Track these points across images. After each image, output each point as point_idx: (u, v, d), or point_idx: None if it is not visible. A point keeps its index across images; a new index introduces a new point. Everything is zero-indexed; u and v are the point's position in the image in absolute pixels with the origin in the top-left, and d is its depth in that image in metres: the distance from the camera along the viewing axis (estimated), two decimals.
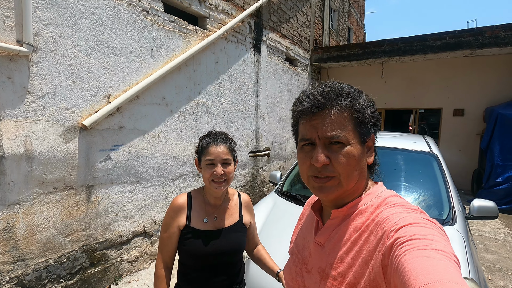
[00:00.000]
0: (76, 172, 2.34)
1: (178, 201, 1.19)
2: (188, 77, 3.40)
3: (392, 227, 0.54)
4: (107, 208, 2.60)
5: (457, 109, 6.23)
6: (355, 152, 0.63)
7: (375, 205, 0.64)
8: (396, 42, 5.96)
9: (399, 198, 0.65)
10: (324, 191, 0.65)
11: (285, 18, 5.65)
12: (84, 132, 2.37)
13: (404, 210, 0.58)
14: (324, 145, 0.63)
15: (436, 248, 0.46)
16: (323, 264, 0.67)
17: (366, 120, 0.64)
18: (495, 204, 1.94)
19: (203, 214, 1.20)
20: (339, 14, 9.59)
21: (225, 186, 1.17)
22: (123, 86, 2.65)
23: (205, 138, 1.21)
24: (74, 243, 2.37)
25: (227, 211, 1.25)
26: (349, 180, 0.64)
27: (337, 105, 0.63)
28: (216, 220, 1.21)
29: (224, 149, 1.16)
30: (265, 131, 5.17)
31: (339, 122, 0.62)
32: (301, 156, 0.68)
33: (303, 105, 0.65)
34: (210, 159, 1.14)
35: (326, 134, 0.62)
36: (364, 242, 0.60)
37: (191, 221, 1.18)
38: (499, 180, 4.95)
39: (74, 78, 2.28)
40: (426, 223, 0.53)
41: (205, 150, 1.16)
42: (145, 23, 2.82)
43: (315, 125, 0.64)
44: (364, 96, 0.66)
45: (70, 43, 2.24)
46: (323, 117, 0.63)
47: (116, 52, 2.57)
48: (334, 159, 0.62)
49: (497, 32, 5.14)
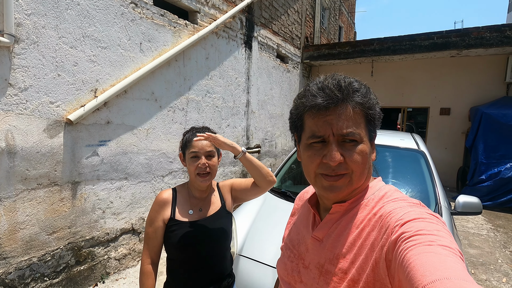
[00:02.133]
0: (61, 168, 2.27)
1: (163, 196, 1.20)
2: (178, 72, 3.35)
3: (396, 222, 0.53)
4: (94, 205, 2.54)
5: (444, 108, 6.37)
6: (367, 149, 0.62)
7: (375, 199, 0.63)
8: (386, 41, 6.03)
9: (399, 192, 0.65)
10: (335, 190, 0.62)
11: (277, 15, 5.63)
12: (69, 127, 2.31)
13: (407, 205, 0.57)
14: (338, 143, 0.60)
15: (443, 244, 0.45)
16: (322, 259, 0.65)
17: (376, 117, 0.63)
18: (479, 200, 2.00)
19: (187, 206, 1.21)
20: (330, 12, 9.63)
21: (210, 180, 1.18)
22: (111, 80, 2.59)
23: (189, 133, 1.22)
24: (59, 241, 2.31)
25: (211, 201, 1.26)
26: (360, 178, 0.63)
27: (352, 101, 0.60)
28: (201, 211, 1.23)
29: (207, 142, 1.17)
30: (256, 128, 5.16)
31: (354, 119, 0.60)
32: (309, 154, 0.64)
33: (316, 99, 0.60)
34: (194, 151, 1.15)
35: (342, 131, 0.59)
36: (366, 237, 0.59)
37: (176, 214, 1.18)
38: (483, 177, 5.09)
39: (59, 71, 2.21)
40: (431, 218, 0.52)
41: (189, 144, 1.17)
42: (134, 16, 2.76)
43: (329, 121, 0.60)
44: (371, 93, 0.65)
45: (55, 34, 2.16)
46: (338, 112, 0.59)
47: (103, 45, 2.50)
48: (348, 157, 0.60)
49: (482, 33, 5.26)
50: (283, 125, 6.24)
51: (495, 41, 5.18)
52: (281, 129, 6.19)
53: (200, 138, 1.13)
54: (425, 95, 6.51)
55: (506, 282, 2.87)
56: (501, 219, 4.66)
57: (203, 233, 1.17)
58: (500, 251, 3.56)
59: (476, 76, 6.00)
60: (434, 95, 6.42)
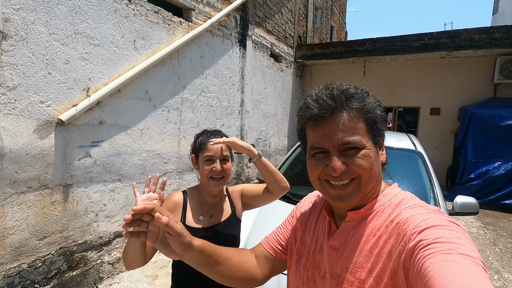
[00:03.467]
0: (52, 170, 2.18)
1: (174, 198, 1.16)
2: (173, 71, 3.27)
3: (414, 229, 0.52)
4: (87, 208, 2.46)
5: (434, 108, 6.49)
6: (371, 154, 0.61)
7: (392, 206, 0.62)
8: (378, 41, 6.09)
9: (417, 199, 0.63)
10: (343, 199, 0.62)
11: (271, 14, 5.60)
12: (61, 127, 2.21)
13: (425, 212, 0.56)
14: (339, 152, 0.60)
15: (463, 253, 0.43)
16: (339, 269, 0.63)
17: (377, 120, 0.63)
18: (476, 201, 2.03)
19: (198, 212, 1.17)
20: (322, 12, 9.67)
21: (223, 184, 1.15)
22: (104, 78, 2.50)
23: (203, 135, 1.19)
24: (50, 246, 2.22)
25: (222, 208, 1.23)
26: (369, 183, 0.61)
27: (347, 107, 0.60)
28: (211, 218, 1.19)
29: (223, 145, 1.14)
30: (250, 127, 5.13)
31: (352, 126, 0.59)
32: (312, 163, 0.65)
33: (311, 111, 0.61)
34: (209, 155, 1.12)
35: (341, 142, 0.59)
36: (383, 245, 0.57)
37: (186, 219, 1.14)
38: (472, 176, 5.22)
39: (50, 69, 2.11)
40: (450, 225, 0.50)
41: (204, 147, 1.14)
42: (127, 13, 2.67)
43: (327, 133, 0.60)
44: (371, 96, 0.65)
45: (45, 31, 2.07)
46: (335, 122, 0.60)
47: (95, 43, 2.41)
48: (351, 163, 0.60)
49: (472, 35, 5.37)
50: (276, 124, 6.22)
51: (484, 42, 5.30)
52: (275, 129, 6.17)
53: (218, 142, 1.10)
54: (416, 95, 6.62)
55: (498, 279, 2.94)
56: (489, 217, 4.78)
57: (214, 240, 1.12)
58: (490, 248, 3.65)
59: (465, 77, 6.14)
60: (424, 95, 6.53)
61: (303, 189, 2.79)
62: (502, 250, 3.60)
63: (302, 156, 3.04)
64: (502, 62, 5.56)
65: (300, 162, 3.04)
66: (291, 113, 6.98)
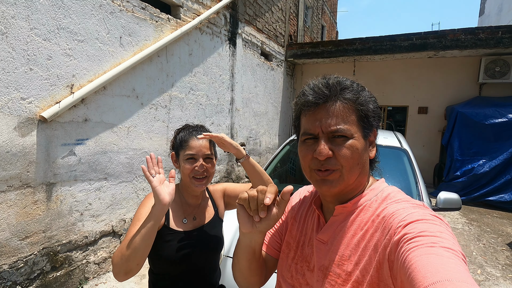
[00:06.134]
0: (34, 169, 2.13)
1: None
2: (160, 68, 3.24)
3: (399, 223, 0.53)
4: (71, 207, 2.41)
5: (422, 107, 6.60)
6: (358, 145, 0.62)
7: (379, 200, 0.64)
8: (368, 41, 6.15)
9: (403, 193, 0.65)
10: (327, 183, 0.63)
11: (261, 12, 5.60)
12: (43, 124, 2.16)
13: (410, 206, 0.58)
14: (328, 139, 0.62)
15: (445, 246, 0.45)
16: (327, 262, 0.65)
17: (369, 114, 0.64)
18: (459, 196, 2.07)
19: (181, 214, 1.11)
20: (313, 11, 9.71)
21: (206, 184, 1.10)
22: (88, 75, 2.45)
23: (184, 131, 1.12)
24: (33, 246, 2.17)
25: (205, 209, 1.18)
26: (351, 174, 0.63)
27: (341, 97, 0.62)
28: (195, 220, 1.13)
29: (206, 143, 1.09)
30: (240, 126, 5.12)
31: (343, 115, 0.62)
32: (302, 149, 0.67)
33: (306, 97, 0.64)
34: (191, 153, 1.06)
35: (329, 128, 0.61)
36: (370, 238, 0.59)
37: (170, 221, 1.07)
38: (458, 173, 5.33)
39: (31, 65, 2.06)
40: (434, 219, 0.52)
41: (185, 144, 1.07)
42: (113, 8, 2.62)
43: (319, 118, 0.63)
44: (366, 91, 0.66)
45: (26, 25, 2.01)
46: (327, 109, 0.62)
47: (79, 38, 2.36)
48: (337, 152, 0.61)
49: (458, 35, 5.48)
50: (267, 123, 6.23)
51: (469, 43, 5.41)
52: (265, 127, 6.18)
53: (205, 137, 1.04)
54: (404, 94, 6.72)
55: (481, 273, 3.01)
56: (474, 213, 4.90)
57: (200, 244, 1.09)
58: (475, 244, 3.74)
59: (451, 77, 6.26)
60: (412, 94, 6.64)
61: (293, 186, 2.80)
62: (485, 245, 3.69)
63: (291, 153, 3.05)
64: (487, 62, 5.69)
65: (289, 160, 3.05)
66: (282, 111, 7.00)
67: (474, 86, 6.09)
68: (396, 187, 0.68)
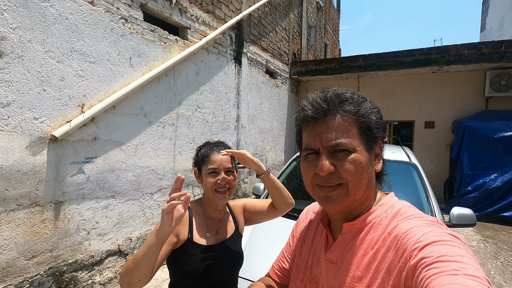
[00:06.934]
0: (44, 187, 2.15)
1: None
2: (168, 87, 3.31)
3: (415, 244, 0.50)
4: (78, 225, 2.40)
5: (428, 121, 6.56)
6: (362, 159, 0.60)
7: (389, 217, 0.60)
8: (371, 57, 6.24)
9: (414, 208, 0.62)
10: (331, 201, 0.61)
11: (265, 32, 5.75)
12: (54, 143, 2.20)
13: (424, 224, 0.54)
14: (329, 153, 0.61)
15: (469, 274, 0.42)
16: (336, 283, 0.62)
17: (372, 126, 0.62)
18: (473, 212, 2.01)
19: (204, 228, 1.12)
20: (316, 30, 9.95)
21: (228, 197, 1.11)
22: (99, 95, 2.52)
23: (205, 147, 1.16)
24: (39, 266, 2.15)
25: (226, 224, 1.19)
26: (357, 189, 0.60)
27: (340, 110, 0.61)
28: (217, 235, 1.14)
29: (227, 157, 1.12)
30: (246, 142, 5.13)
31: (344, 129, 0.60)
32: (304, 165, 0.65)
33: (305, 112, 0.63)
34: (213, 167, 1.09)
35: (330, 143, 0.59)
36: (382, 258, 0.56)
37: (194, 235, 1.08)
38: (469, 188, 5.20)
39: (44, 86, 2.13)
40: (452, 240, 0.49)
41: (207, 159, 1.11)
42: (124, 31, 2.73)
43: (319, 133, 0.61)
44: (368, 102, 0.65)
45: (41, 48, 2.10)
46: (327, 123, 0.60)
47: (91, 60, 2.45)
48: (340, 167, 0.59)
49: (461, 50, 5.53)
50: (272, 139, 6.24)
51: (473, 57, 5.45)
52: (271, 144, 6.19)
53: (227, 154, 1.08)
54: (410, 109, 6.71)
55: None
56: (489, 229, 4.73)
57: (224, 258, 1.09)
58: (492, 262, 3.58)
59: (457, 91, 6.26)
60: (418, 109, 6.63)
61: (299, 203, 2.76)
62: (503, 264, 3.53)
63: (297, 170, 3.03)
64: (492, 76, 5.69)
65: (296, 176, 3.02)
66: (287, 128, 7.02)
67: (480, 100, 6.06)
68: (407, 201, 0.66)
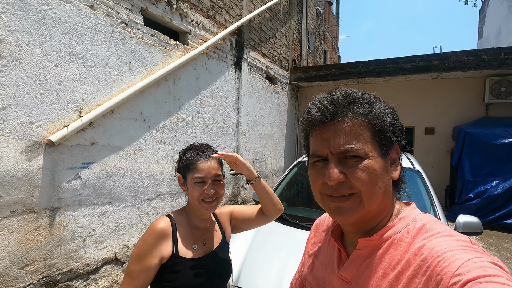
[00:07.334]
0: (39, 193, 2.09)
1: (160, 225, 0.99)
2: (168, 92, 3.28)
3: (453, 278, 0.42)
4: (74, 233, 2.34)
5: (428, 127, 6.54)
6: (376, 166, 0.54)
7: (412, 233, 0.54)
8: (371, 64, 6.25)
9: (441, 224, 0.55)
10: (342, 212, 0.55)
11: (265, 38, 5.77)
12: (50, 148, 2.15)
13: (458, 246, 0.47)
14: (338, 160, 0.55)
15: None
16: None
17: (386, 129, 0.56)
18: (479, 220, 1.96)
19: (190, 240, 1.04)
20: (316, 37, 10.01)
21: (216, 207, 1.05)
22: (97, 99, 2.48)
23: (190, 152, 1.07)
24: (32, 275, 2.08)
25: (213, 233, 1.13)
26: (372, 199, 0.54)
27: (350, 112, 0.55)
28: (205, 245, 1.07)
29: (214, 164, 1.04)
30: (246, 148, 5.09)
31: (354, 132, 0.54)
32: (312, 173, 0.60)
33: (311, 115, 0.58)
34: (200, 176, 1.01)
35: (339, 149, 0.54)
36: (407, 284, 0.49)
37: (179, 249, 1.00)
38: (471, 195, 5.16)
39: (42, 90, 2.09)
40: (499, 275, 0.42)
41: (193, 167, 1.03)
42: (124, 35, 2.71)
43: (326, 138, 0.56)
44: (381, 102, 0.59)
45: (39, 52, 2.07)
46: (335, 127, 0.55)
47: (90, 64, 2.41)
48: (351, 175, 0.53)
49: (460, 57, 5.54)
50: (272, 145, 6.20)
51: (472, 64, 5.46)
52: (271, 150, 6.14)
53: (219, 156, 1.03)
54: (410, 115, 6.69)
55: None
56: (492, 237, 4.67)
57: (213, 271, 1.03)
58: None
59: (457, 97, 6.26)
60: (418, 115, 6.62)
61: (300, 210, 2.71)
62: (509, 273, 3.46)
63: (298, 176, 2.98)
64: (492, 83, 5.70)
65: (297, 182, 2.97)
66: (287, 134, 6.99)
67: (480, 106, 6.06)
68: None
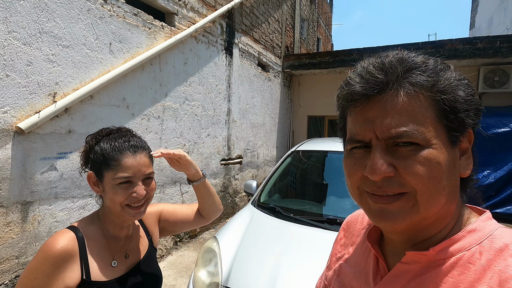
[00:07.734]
0: (8, 186, 1.90)
1: (60, 245, 0.71)
2: (153, 77, 3.06)
3: None
4: (50, 228, 2.16)
5: None
6: (441, 157, 0.39)
7: (488, 255, 0.38)
8: (365, 51, 6.10)
9: None
10: (388, 217, 0.40)
11: (258, 23, 5.53)
12: (20, 136, 1.95)
13: None
14: (386, 148, 0.40)
15: None
16: None
17: (458, 107, 0.40)
18: None
19: (107, 255, 0.80)
20: (309, 23, 9.77)
21: (145, 211, 0.82)
22: (74, 83, 2.26)
23: (107, 141, 0.79)
24: (3, 275, 1.91)
25: (138, 240, 0.90)
26: (431, 202, 0.39)
27: (406, 83, 0.40)
28: (128, 258, 0.85)
29: (145, 159, 0.80)
30: (237, 137, 4.93)
31: (411, 111, 0.39)
32: (348, 163, 0.45)
33: (351, 87, 0.42)
34: (127, 176, 0.76)
35: (389, 132, 0.39)
36: None
37: (91, 272, 0.74)
38: None
39: (8, 71, 1.86)
40: None
41: (115, 163, 0.76)
42: (102, 13, 2.47)
43: (371, 118, 0.41)
44: (451, 71, 0.42)
45: (3, 28, 1.83)
46: (383, 103, 0.40)
47: (64, 44, 2.19)
48: (404, 169, 0.39)
49: (456, 45, 5.45)
50: (265, 134, 6.06)
51: (468, 52, 5.38)
52: (263, 139, 6.00)
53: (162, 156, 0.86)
54: None
55: None
56: None
57: (136, 286, 0.83)
58: None
59: None
60: None
61: (294, 202, 2.59)
62: None
63: (292, 166, 2.85)
64: (486, 72, 5.65)
65: (290, 173, 2.85)
66: (280, 123, 6.85)
67: None
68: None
